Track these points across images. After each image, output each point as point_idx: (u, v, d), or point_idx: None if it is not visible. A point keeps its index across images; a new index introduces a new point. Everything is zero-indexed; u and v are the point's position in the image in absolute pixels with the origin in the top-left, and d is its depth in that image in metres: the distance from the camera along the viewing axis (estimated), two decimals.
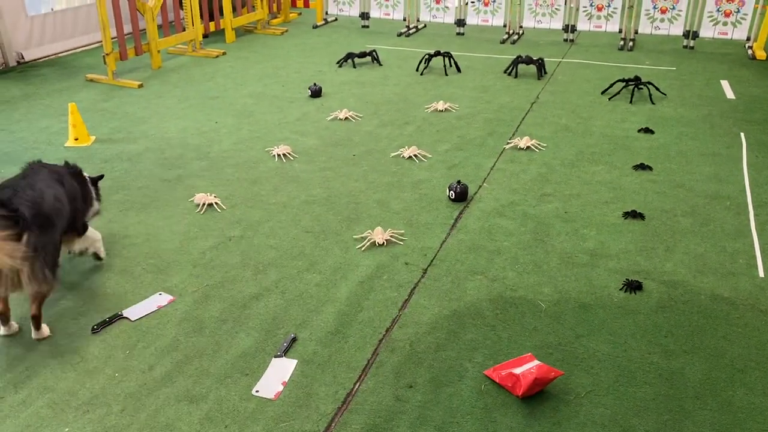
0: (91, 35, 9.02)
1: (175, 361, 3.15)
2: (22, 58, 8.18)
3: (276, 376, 3.04)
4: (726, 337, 3.30)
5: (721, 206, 4.59)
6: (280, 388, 2.98)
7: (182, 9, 8.60)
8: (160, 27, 8.19)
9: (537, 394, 2.92)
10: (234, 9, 9.42)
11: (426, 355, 3.18)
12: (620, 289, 3.67)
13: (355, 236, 4.23)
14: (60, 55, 8.66)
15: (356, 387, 2.98)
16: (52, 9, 8.55)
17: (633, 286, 3.68)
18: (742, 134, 5.87)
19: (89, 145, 5.73)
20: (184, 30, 8.65)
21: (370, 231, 4.22)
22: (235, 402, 2.90)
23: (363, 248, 4.10)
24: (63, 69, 8.05)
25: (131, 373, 3.08)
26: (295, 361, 3.14)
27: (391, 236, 4.19)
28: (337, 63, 8.20)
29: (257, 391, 2.96)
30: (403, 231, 4.26)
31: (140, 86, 7.34)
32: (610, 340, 3.28)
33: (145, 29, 8.05)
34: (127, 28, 7.85)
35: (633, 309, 3.51)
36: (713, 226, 4.33)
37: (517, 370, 2.92)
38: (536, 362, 2.99)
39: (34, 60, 8.34)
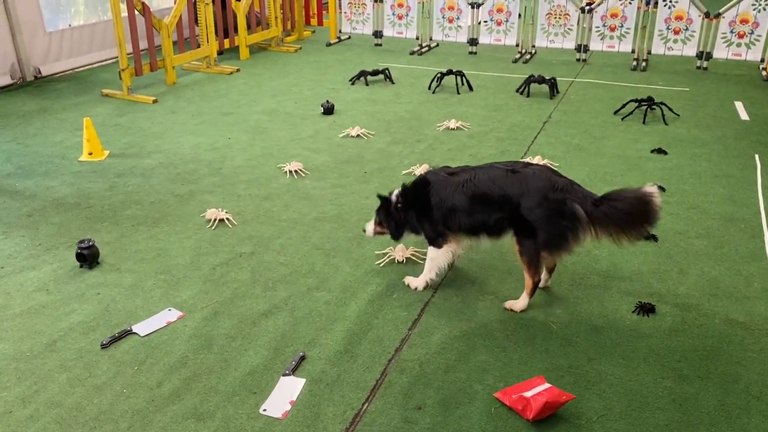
0: (107, 51, 9.14)
1: (183, 378, 3.13)
2: (40, 72, 8.29)
3: (284, 395, 3.02)
4: (741, 362, 3.24)
5: (736, 229, 4.54)
6: (288, 407, 2.96)
7: (197, 25, 8.69)
8: (175, 43, 8.29)
9: (548, 418, 2.87)
10: (248, 26, 9.52)
11: (435, 376, 3.15)
12: (633, 312, 3.63)
13: (377, 251, 4.22)
14: (77, 70, 8.78)
15: (364, 407, 2.96)
16: (69, 25, 8.68)
17: (646, 309, 3.63)
18: (757, 156, 5.83)
19: (103, 160, 5.78)
20: (198, 47, 8.74)
21: (392, 248, 4.21)
22: (243, 420, 2.88)
23: (382, 264, 4.09)
24: (79, 84, 8.15)
25: (139, 389, 3.07)
26: (303, 380, 3.12)
27: (412, 254, 4.17)
28: (350, 81, 8.24)
29: (265, 410, 2.94)
30: (425, 250, 4.21)
31: (154, 102, 7.41)
32: (622, 363, 3.23)
33: (160, 45, 8.14)
34: (143, 44, 7.95)
35: (646, 332, 3.47)
36: (727, 249, 4.28)
37: (528, 393, 2.88)
38: (547, 385, 2.95)
39: (51, 75, 8.45)
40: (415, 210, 3.75)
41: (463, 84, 7.93)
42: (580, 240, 3.41)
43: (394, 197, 3.84)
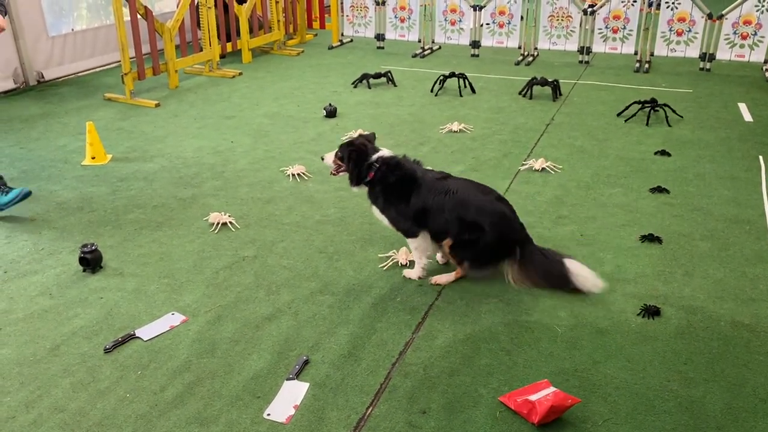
0: (110, 55, 9.15)
1: (186, 383, 3.12)
2: (42, 77, 8.30)
3: (288, 400, 3.01)
4: (747, 365, 3.22)
5: (741, 230, 4.52)
6: (292, 411, 2.94)
7: (200, 29, 8.70)
8: (177, 47, 8.29)
9: (553, 422, 2.85)
10: (251, 30, 9.53)
11: (440, 379, 3.14)
12: (638, 314, 3.61)
13: (380, 254, 4.21)
14: (79, 74, 8.78)
15: (369, 411, 2.94)
16: (72, 29, 8.69)
17: (651, 312, 3.61)
18: (761, 157, 5.81)
19: (106, 164, 5.78)
20: (201, 50, 8.75)
21: (395, 251, 4.20)
22: (247, 425, 2.87)
23: (385, 267, 4.08)
24: (82, 88, 8.15)
25: (143, 394, 3.06)
26: (307, 384, 3.10)
27: None
28: (353, 84, 8.24)
29: (269, 415, 2.92)
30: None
31: (157, 106, 7.41)
32: (627, 366, 3.22)
33: (163, 49, 8.15)
34: (146, 48, 7.95)
35: (651, 335, 3.45)
36: (732, 251, 4.26)
37: (533, 397, 2.86)
38: (552, 389, 2.94)
39: (54, 79, 8.46)
40: (388, 192, 3.86)
41: (465, 86, 7.92)
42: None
43: (376, 157, 3.87)
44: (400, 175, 3.83)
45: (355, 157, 3.86)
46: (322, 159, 4.09)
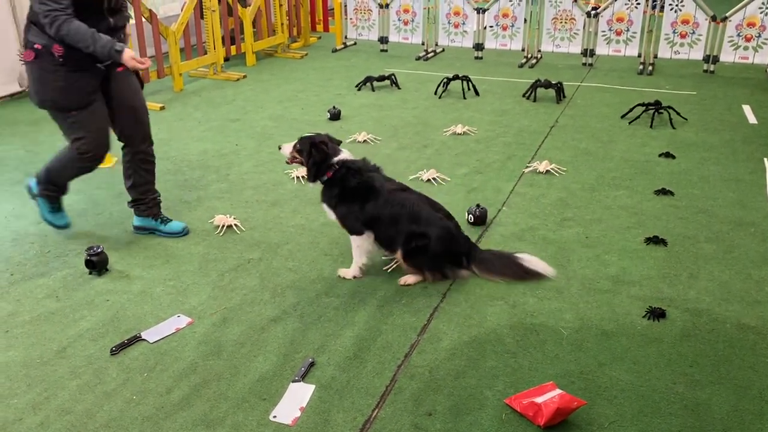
0: None
1: (192, 385, 3.13)
2: None
3: (294, 402, 3.01)
4: (753, 367, 3.22)
5: (746, 233, 4.52)
6: (298, 413, 2.95)
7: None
8: (182, 50, 8.32)
9: (559, 424, 2.85)
10: (254, 30, 9.55)
11: (445, 382, 3.14)
12: (643, 317, 3.61)
13: (383, 257, 4.22)
14: None
15: (374, 414, 2.95)
16: None
17: (656, 314, 3.61)
18: (766, 160, 5.80)
19: (111, 167, 5.79)
20: (205, 53, 8.77)
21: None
22: (253, 427, 2.88)
23: (389, 270, 4.09)
24: None
25: (149, 395, 3.07)
26: (312, 386, 3.11)
27: None
28: (356, 86, 8.25)
29: (275, 417, 2.93)
30: None
31: (162, 108, 7.44)
32: (633, 369, 3.21)
33: (167, 52, 8.18)
34: (150, 51, 7.98)
35: (656, 337, 3.45)
36: (737, 253, 4.25)
37: (539, 399, 2.87)
38: (558, 391, 2.93)
39: None
40: (344, 194, 3.92)
41: (469, 89, 7.93)
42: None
43: (336, 159, 3.93)
44: (359, 181, 3.90)
45: (316, 156, 3.93)
46: (279, 148, 4.18)
